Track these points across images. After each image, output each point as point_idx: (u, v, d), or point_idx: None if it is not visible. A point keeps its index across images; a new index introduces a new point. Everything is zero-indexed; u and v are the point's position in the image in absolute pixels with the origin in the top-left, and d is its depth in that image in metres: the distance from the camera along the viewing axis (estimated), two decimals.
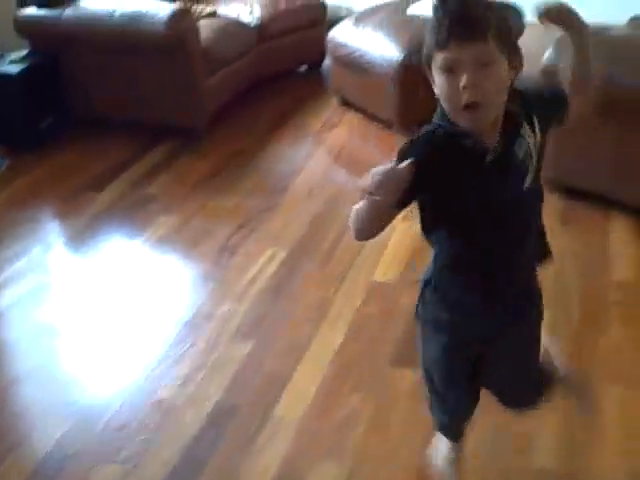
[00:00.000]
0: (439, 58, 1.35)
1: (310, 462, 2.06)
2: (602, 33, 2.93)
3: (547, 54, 2.92)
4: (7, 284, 2.86)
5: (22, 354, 2.55)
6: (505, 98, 1.40)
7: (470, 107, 1.34)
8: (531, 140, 1.46)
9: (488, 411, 1.86)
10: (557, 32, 1.55)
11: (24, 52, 3.89)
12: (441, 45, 1.33)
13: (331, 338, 2.51)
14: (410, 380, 2.30)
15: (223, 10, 4.30)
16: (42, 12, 3.86)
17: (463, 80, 1.33)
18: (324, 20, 4.57)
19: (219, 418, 2.22)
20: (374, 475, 2.02)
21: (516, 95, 1.44)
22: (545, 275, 2.40)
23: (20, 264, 2.97)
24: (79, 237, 3.15)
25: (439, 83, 1.37)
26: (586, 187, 3.17)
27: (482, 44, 1.33)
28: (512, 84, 1.41)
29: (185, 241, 3.09)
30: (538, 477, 2.01)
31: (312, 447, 2.11)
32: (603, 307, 2.60)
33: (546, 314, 1.73)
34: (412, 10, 4.02)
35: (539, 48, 2.97)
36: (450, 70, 1.34)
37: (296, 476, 2.02)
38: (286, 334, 2.55)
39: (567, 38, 1.52)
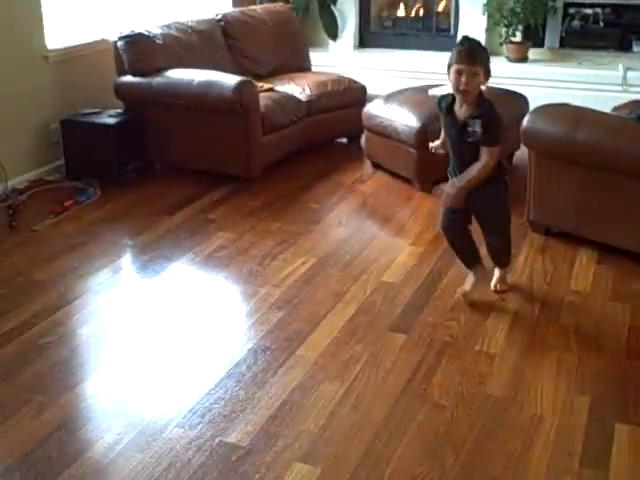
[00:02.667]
0: (454, 67, 3.01)
1: (318, 384, 2.80)
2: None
3: None
4: (97, 285, 3.70)
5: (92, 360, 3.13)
6: (477, 91, 3.02)
7: (462, 91, 2.99)
8: (476, 127, 3.04)
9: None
10: None
11: (120, 110, 4.88)
12: (457, 62, 2.99)
13: (343, 312, 3.28)
14: (402, 339, 3.07)
15: (280, 88, 5.25)
16: (136, 79, 4.85)
17: (463, 79, 2.95)
18: (364, 101, 5.45)
19: (255, 354, 2.99)
20: (366, 391, 2.76)
21: (484, 100, 3.08)
22: (520, 280, 3.32)
23: (105, 271, 3.82)
24: (151, 246, 3.97)
25: (452, 78, 3.02)
26: (559, 227, 3.95)
27: (473, 66, 2.98)
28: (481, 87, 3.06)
29: (237, 250, 3.90)
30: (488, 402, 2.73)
31: (321, 375, 2.85)
32: (559, 305, 3.34)
33: (515, 304, 3.03)
34: (432, 91, 4.92)
35: None
36: (458, 73, 2.98)
37: (307, 392, 2.77)
38: (309, 308, 3.32)
39: None
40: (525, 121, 3.87)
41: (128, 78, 4.89)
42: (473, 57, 3.00)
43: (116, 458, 2.42)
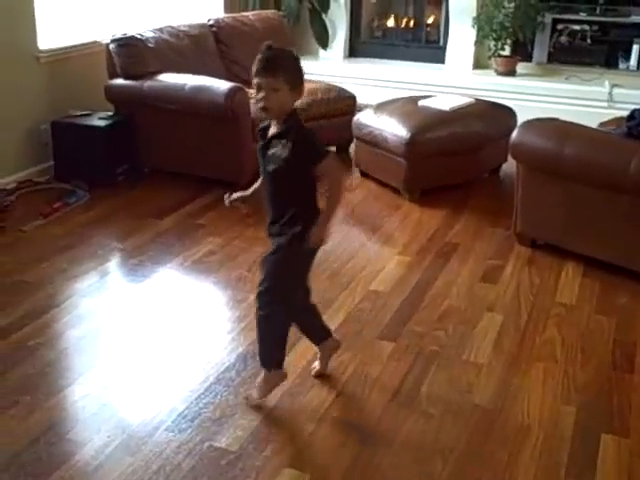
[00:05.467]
0: (253, 80, 2.38)
1: (307, 391, 2.82)
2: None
3: None
4: (86, 288, 3.70)
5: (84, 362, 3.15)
6: (285, 110, 2.41)
7: (262, 108, 2.41)
8: (278, 149, 2.43)
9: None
10: None
11: (110, 112, 4.87)
12: (255, 74, 2.38)
13: (332, 320, 3.27)
14: (390, 348, 3.09)
15: None
16: (127, 82, 4.85)
17: (261, 94, 2.37)
18: (354, 110, 5.48)
19: (245, 359, 3.00)
20: (355, 398, 2.78)
21: (291, 117, 2.43)
22: (505, 293, 3.35)
23: (94, 273, 3.82)
24: (140, 250, 3.97)
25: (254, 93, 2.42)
26: (545, 239, 3.99)
27: (274, 78, 2.35)
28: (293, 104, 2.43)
29: (226, 255, 3.91)
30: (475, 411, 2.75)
31: (310, 381, 2.87)
32: (545, 316, 3.38)
33: (502, 315, 3.05)
34: (423, 102, 4.97)
35: None
36: (257, 87, 2.38)
37: (296, 398, 2.78)
38: None
39: None
40: (514, 134, 3.91)
41: (119, 81, 4.90)
42: (273, 69, 2.36)
43: (105, 461, 2.43)
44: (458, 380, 2.90)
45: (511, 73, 6.44)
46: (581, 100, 5.99)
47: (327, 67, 6.84)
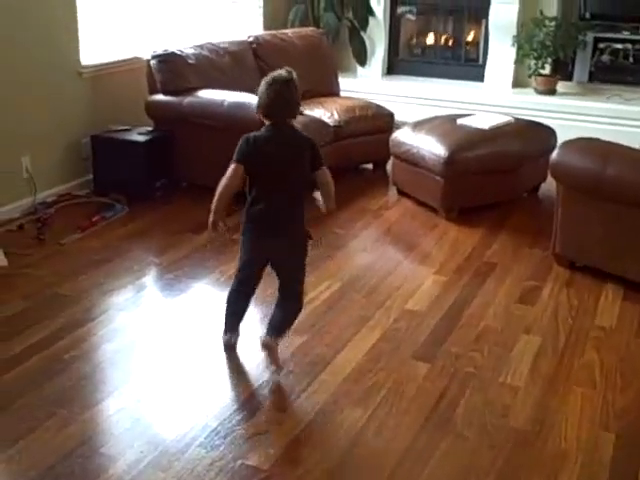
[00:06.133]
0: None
1: (340, 410, 2.79)
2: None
3: None
4: (122, 302, 3.73)
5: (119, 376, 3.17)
6: None
7: None
8: None
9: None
10: None
11: (149, 127, 4.92)
12: None
13: (368, 338, 3.28)
14: (426, 368, 3.06)
15: (309, 111, 5.28)
16: (167, 98, 4.90)
17: None
18: (391, 127, 5.48)
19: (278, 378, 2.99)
20: (389, 418, 2.75)
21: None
22: (543, 315, 3.30)
23: (130, 287, 3.84)
24: (176, 265, 3.99)
25: None
26: (584, 261, 3.93)
27: None
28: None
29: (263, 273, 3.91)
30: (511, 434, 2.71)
31: (343, 400, 2.84)
32: (584, 339, 3.32)
33: (540, 337, 3.09)
34: (461, 121, 4.94)
35: None
36: None
37: (330, 417, 2.76)
38: (333, 333, 3.32)
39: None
40: (555, 154, 3.87)
41: (159, 97, 4.95)
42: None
43: (138, 476, 2.42)
44: (494, 403, 2.85)
45: (551, 92, 6.38)
46: (622, 120, 5.91)
47: (365, 84, 6.84)
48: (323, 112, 5.33)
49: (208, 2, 6.02)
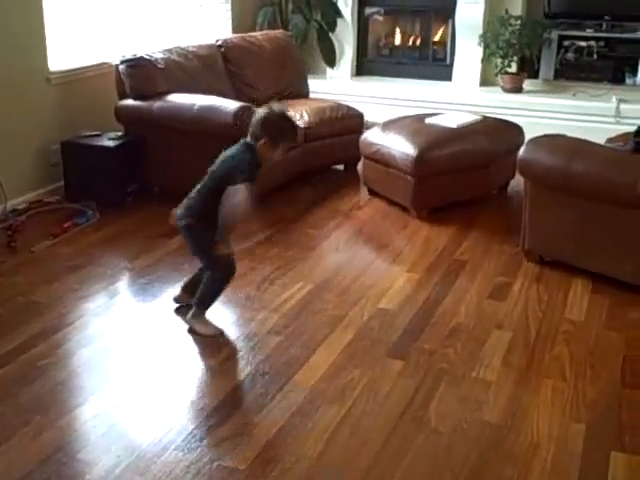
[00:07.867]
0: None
1: (316, 409, 2.82)
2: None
3: None
4: (96, 308, 3.73)
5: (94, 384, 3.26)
6: None
7: None
8: None
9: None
10: None
11: (120, 133, 4.92)
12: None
13: (342, 337, 3.31)
14: (400, 365, 3.09)
15: None
16: (137, 103, 4.89)
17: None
18: (361, 128, 5.52)
19: (254, 378, 3.01)
20: (364, 416, 2.78)
21: None
22: (514, 310, 3.36)
23: (104, 293, 3.84)
24: (149, 269, 3.99)
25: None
26: (553, 256, 3.99)
27: None
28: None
29: (236, 274, 3.93)
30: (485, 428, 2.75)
31: (319, 400, 2.87)
32: (554, 333, 3.38)
33: (511, 332, 3.14)
34: (430, 120, 4.99)
35: None
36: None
37: (306, 416, 2.78)
38: (307, 333, 3.34)
39: None
40: (522, 151, 3.93)
41: (129, 101, 4.94)
42: None
43: None
44: (467, 397, 2.90)
45: (518, 90, 6.46)
46: (588, 116, 6.00)
47: (335, 86, 6.88)
48: (293, 114, 5.35)
49: (176, 6, 6.02)
